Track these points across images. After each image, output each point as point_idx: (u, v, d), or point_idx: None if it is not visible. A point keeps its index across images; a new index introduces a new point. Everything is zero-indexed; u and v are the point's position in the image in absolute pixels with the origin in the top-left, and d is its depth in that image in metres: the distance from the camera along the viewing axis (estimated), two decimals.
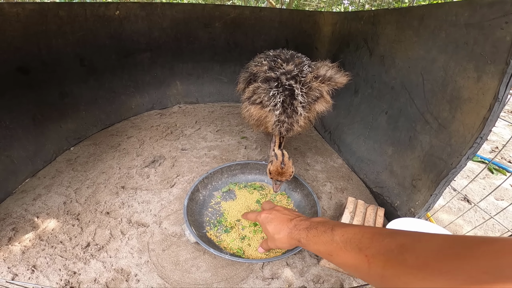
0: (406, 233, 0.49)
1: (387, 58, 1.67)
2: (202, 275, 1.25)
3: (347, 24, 2.09)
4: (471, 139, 1.11)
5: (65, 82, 2.05)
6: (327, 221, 0.70)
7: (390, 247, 0.48)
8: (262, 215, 0.88)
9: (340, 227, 0.62)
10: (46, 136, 1.93)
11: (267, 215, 0.87)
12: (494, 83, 1.02)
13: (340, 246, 0.58)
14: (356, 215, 1.40)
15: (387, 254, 0.47)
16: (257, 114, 1.50)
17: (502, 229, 1.62)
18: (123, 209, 1.56)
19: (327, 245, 0.61)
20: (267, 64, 1.49)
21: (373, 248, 0.51)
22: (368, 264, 0.50)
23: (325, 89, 1.46)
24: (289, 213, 0.85)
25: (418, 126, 1.43)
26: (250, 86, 1.53)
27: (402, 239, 0.48)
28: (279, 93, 1.39)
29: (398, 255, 0.45)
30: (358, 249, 0.53)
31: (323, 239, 0.63)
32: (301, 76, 1.40)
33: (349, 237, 0.57)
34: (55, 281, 1.19)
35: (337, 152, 2.19)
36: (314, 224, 0.70)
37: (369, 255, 0.51)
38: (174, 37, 2.61)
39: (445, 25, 1.24)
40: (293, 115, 1.42)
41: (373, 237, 0.53)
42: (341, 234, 0.59)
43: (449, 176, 1.21)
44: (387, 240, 0.50)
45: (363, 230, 0.57)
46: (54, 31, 1.90)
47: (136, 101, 2.62)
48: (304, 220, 0.76)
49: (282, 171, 1.39)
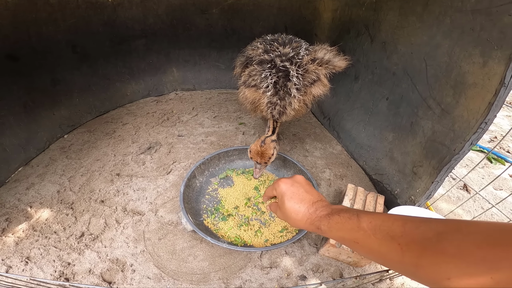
0: (442, 221, 0.47)
1: (389, 44, 1.62)
2: (199, 264, 1.23)
3: (348, 10, 2.03)
4: (476, 124, 1.08)
5: (57, 69, 2.00)
6: (349, 208, 0.66)
7: (427, 235, 0.45)
8: (282, 185, 0.78)
9: (366, 214, 0.58)
10: (39, 124, 1.88)
11: (289, 186, 0.76)
12: (500, 68, 1.00)
13: (368, 234, 0.54)
14: (356, 203, 1.38)
15: (423, 242, 0.45)
16: (251, 96, 1.48)
17: (500, 219, 1.62)
18: (118, 197, 1.53)
19: (353, 232, 0.58)
20: (262, 47, 1.46)
21: (407, 236, 0.48)
22: (401, 252, 0.48)
23: (323, 72, 1.42)
24: (312, 190, 0.76)
25: (420, 112, 1.40)
26: (246, 70, 1.50)
27: (439, 227, 0.45)
28: (272, 74, 1.36)
29: (436, 244, 0.43)
30: (389, 237, 0.50)
31: (348, 226, 0.59)
32: (297, 58, 1.37)
33: (378, 224, 0.54)
34: (49, 272, 1.17)
35: (337, 139, 2.16)
36: (336, 210, 0.65)
37: (403, 243, 0.48)
38: (170, 24, 2.54)
39: (450, 11, 1.20)
40: (286, 97, 1.38)
41: (405, 224, 0.50)
42: (369, 221, 0.56)
43: (451, 163, 1.19)
44: (422, 228, 0.47)
45: (392, 218, 0.54)
46: (44, 19, 1.84)
47: (131, 88, 2.56)
48: (325, 205, 0.70)
49: (261, 151, 1.36)
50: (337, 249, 1.19)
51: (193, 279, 1.17)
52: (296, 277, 1.21)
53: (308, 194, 0.74)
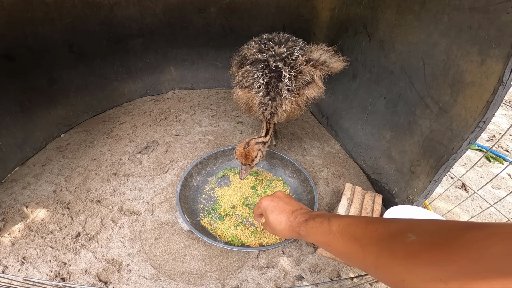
0: (398, 221, 0.49)
1: (387, 43, 1.62)
2: (195, 264, 1.22)
3: (345, 9, 2.02)
4: (473, 123, 1.08)
5: (53, 68, 2.00)
6: (325, 213, 0.70)
7: (383, 236, 0.47)
8: (263, 202, 0.87)
9: (337, 218, 0.62)
10: (35, 123, 1.87)
11: (269, 202, 0.85)
12: (498, 66, 1.00)
13: (337, 236, 0.58)
14: (353, 202, 1.37)
15: (379, 244, 0.47)
16: (244, 97, 1.47)
17: (498, 218, 1.61)
18: (114, 197, 1.52)
19: (325, 235, 0.62)
20: (257, 47, 1.45)
21: (367, 237, 0.51)
22: (363, 253, 0.50)
23: (317, 74, 1.40)
24: (291, 202, 0.84)
25: (417, 111, 1.40)
26: (240, 70, 1.49)
27: (393, 228, 0.47)
28: (264, 75, 1.35)
29: (389, 245, 0.45)
30: (353, 239, 0.53)
31: (321, 230, 0.64)
32: (290, 58, 1.35)
33: (345, 226, 0.58)
34: (45, 272, 1.16)
35: (334, 138, 2.16)
36: (312, 216, 0.71)
37: (364, 244, 0.50)
38: (168, 23, 2.53)
39: (448, 9, 1.20)
40: (277, 98, 1.37)
41: (367, 226, 0.53)
42: (337, 224, 0.60)
43: (449, 162, 1.18)
44: (380, 230, 0.49)
45: (358, 220, 0.57)
46: (40, 18, 1.84)
47: (128, 87, 2.55)
48: (304, 212, 0.76)
49: (245, 153, 1.35)
50: None
51: (190, 279, 1.16)
52: (293, 277, 1.20)
53: (288, 205, 0.82)
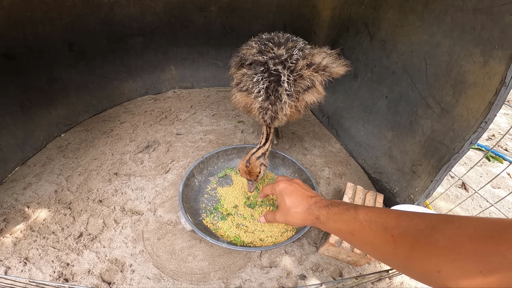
0: (435, 214, 0.47)
1: (389, 43, 1.62)
2: (198, 264, 1.22)
3: (347, 9, 2.02)
4: (475, 123, 1.08)
5: (53, 67, 1.98)
6: (348, 202, 0.69)
7: (420, 227, 0.46)
8: (281, 184, 0.85)
9: (364, 207, 0.61)
10: (35, 123, 1.86)
11: (287, 186, 0.83)
12: (501, 67, 1.00)
13: (363, 225, 0.56)
14: (355, 201, 1.38)
15: (416, 234, 0.45)
16: (243, 101, 1.46)
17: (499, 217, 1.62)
18: (116, 197, 1.52)
19: (350, 223, 0.60)
20: (256, 47, 1.42)
21: (400, 227, 0.49)
22: (394, 244, 0.48)
23: (318, 79, 1.37)
24: (309, 189, 0.83)
25: (419, 111, 1.40)
26: (238, 72, 1.47)
27: (432, 220, 0.46)
28: (264, 79, 1.33)
29: (428, 236, 0.43)
30: (383, 228, 0.51)
31: (345, 217, 0.62)
32: (290, 62, 1.32)
33: (374, 216, 0.56)
34: (48, 273, 1.16)
35: (335, 137, 2.16)
36: (335, 203, 0.69)
37: (396, 234, 0.49)
38: (168, 22, 2.52)
39: (451, 10, 1.20)
40: (277, 102, 1.35)
41: (399, 217, 0.51)
42: (365, 213, 0.58)
43: (451, 162, 1.19)
44: (415, 220, 0.48)
45: (388, 211, 0.55)
46: (40, 17, 1.82)
47: (129, 86, 2.54)
48: (324, 199, 0.75)
49: (248, 170, 1.34)
50: (337, 248, 1.19)
51: (193, 279, 1.17)
52: (296, 277, 1.20)
53: (307, 191, 0.81)
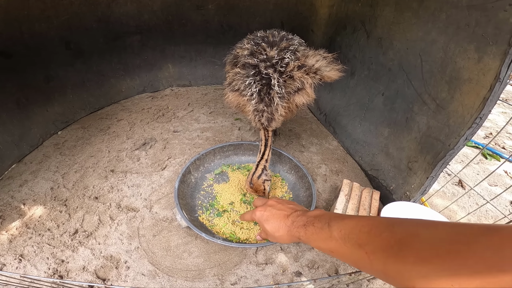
0: (405, 225, 0.48)
1: (385, 40, 1.62)
2: (194, 260, 1.22)
3: (344, 6, 2.02)
4: (470, 119, 1.08)
5: (50, 65, 1.98)
6: (323, 215, 0.67)
7: (390, 242, 0.46)
8: (256, 213, 0.84)
9: (337, 222, 0.60)
10: (32, 120, 1.86)
11: (262, 212, 0.83)
12: (495, 63, 1.00)
13: (339, 243, 0.56)
14: (351, 198, 1.38)
15: (387, 250, 0.46)
16: (235, 101, 1.45)
17: (495, 215, 1.62)
18: (112, 194, 1.52)
19: (327, 242, 0.60)
20: (248, 49, 1.40)
21: (372, 244, 0.49)
22: (369, 260, 0.49)
23: (309, 82, 1.35)
24: (284, 207, 0.81)
25: (415, 107, 1.40)
26: (231, 71, 1.46)
27: (400, 233, 0.46)
28: (256, 82, 1.32)
29: (398, 252, 0.44)
30: (357, 246, 0.52)
31: (322, 236, 0.61)
32: (280, 65, 1.31)
33: (347, 232, 0.55)
34: (43, 270, 1.16)
35: (332, 134, 2.17)
36: (310, 219, 0.67)
37: (369, 251, 0.49)
38: (165, 20, 2.52)
39: (446, 7, 1.20)
40: (272, 104, 1.34)
41: (370, 231, 0.51)
42: (339, 230, 0.57)
43: (446, 158, 1.19)
44: (385, 235, 0.48)
45: (360, 223, 0.55)
46: (37, 16, 1.82)
47: (126, 84, 2.54)
48: (300, 215, 0.73)
49: (254, 190, 1.37)
50: None
51: (188, 276, 1.16)
52: (292, 273, 1.20)
53: (281, 211, 0.79)
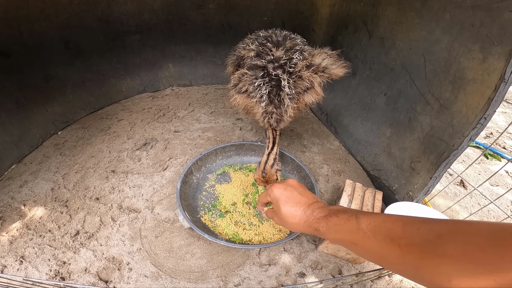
0: (442, 222, 0.47)
1: (387, 40, 1.61)
2: (196, 262, 1.22)
3: (345, 6, 2.02)
4: (475, 119, 1.08)
5: (49, 65, 1.97)
6: (347, 209, 0.65)
7: (428, 237, 0.45)
8: (275, 190, 0.77)
9: (365, 215, 0.58)
10: (31, 120, 1.85)
11: (282, 190, 0.76)
12: (500, 64, 1.00)
13: (367, 235, 0.54)
14: (354, 199, 1.37)
15: (424, 244, 0.45)
16: (243, 103, 1.44)
17: (497, 215, 1.62)
18: (113, 194, 1.51)
19: (352, 234, 0.57)
20: (254, 49, 1.39)
21: (407, 238, 0.48)
22: (402, 254, 0.48)
23: (317, 81, 1.36)
24: (306, 193, 0.75)
25: (418, 107, 1.40)
26: (236, 73, 1.44)
27: (439, 229, 0.45)
28: (265, 84, 1.31)
29: (437, 246, 0.43)
30: (389, 239, 0.50)
31: (347, 228, 0.59)
32: (289, 65, 1.31)
33: (378, 225, 0.54)
34: (45, 271, 1.15)
35: (334, 134, 2.16)
36: (333, 211, 0.64)
37: (403, 245, 0.48)
38: (166, 19, 2.51)
39: (450, 7, 1.20)
40: (281, 106, 1.35)
41: (405, 226, 0.50)
42: (368, 223, 0.55)
43: (450, 158, 1.19)
44: (423, 230, 0.47)
45: (392, 218, 0.53)
46: (36, 15, 1.80)
47: (126, 83, 2.53)
48: (322, 206, 0.69)
49: (266, 180, 1.36)
50: (336, 246, 1.18)
51: (191, 277, 1.16)
52: (295, 274, 1.20)
53: (303, 197, 0.73)
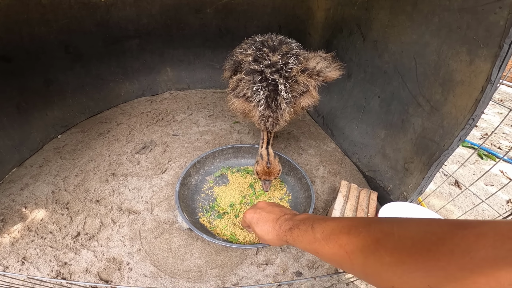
0: (381, 224, 0.48)
1: (380, 43, 1.65)
2: (195, 262, 1.24)
3: (340, 10, 2.05)
4: (463, 120, 1.11)
5: (49, 69, 2.00)
6: (308, 218, 0.67)
7: (366, 242, 0.47)
8: (247, 215, 0.85)
9: (320, 223, 0.60)
10: (32, 124, 1.87)
11: (252, 214, 0.83)
12: (486, 66, 1.03)
13: (322, 244, 0.56)
14: (349, 199, 1.40)
15: (364, 250, 0.46)
16: (241, 107, 1.47)
17: (491, 214, 1.65)
18: (113, 197, 1.53)
19: (311, 244, 0.60)
20: (252, 54, 1.43)
21: (351, 244, 0.49)
22: (350, 260, 0.49)
23: (312, 84, 1.40)
24: (273, 209, 0.81)
25: (410, 109, 1.43)
26: (234, 77, 1.48)
27: (377, 233, 0.46)
28: (263, 88, 1.34)
29: (374, 252, 0.44)
30: (338, 246, 0.52)
31: (306, 238, 0.62)
32: (285, 70, 1.35)
33: (329, 233, 0.56)
34: (46, 272, 1.17)
35: (330, 136, 2.19)
36: (296, 223, 0.68)
37: (349, 251, 0.49)
38: (164, 24, 2.55)
39: (438, 10, 1.23)
40: (278, 110, 1.38)
41: (350, 231, 0.51)
42: (321, 231, 0.58)
43: (441, 158, 1.22)
44: (363, 235, 0.48)
45: (341, 224, 0.55)
46: (36, 20, 1.84)
47: (125, 88, 2.56)
48: (288, 219, 0.73)
49: (269, 171, 1.38)
50: None
51: (190, 277, 1.18)
52: (292, 273, 1.22)
53: (271, 214, 0.79)
